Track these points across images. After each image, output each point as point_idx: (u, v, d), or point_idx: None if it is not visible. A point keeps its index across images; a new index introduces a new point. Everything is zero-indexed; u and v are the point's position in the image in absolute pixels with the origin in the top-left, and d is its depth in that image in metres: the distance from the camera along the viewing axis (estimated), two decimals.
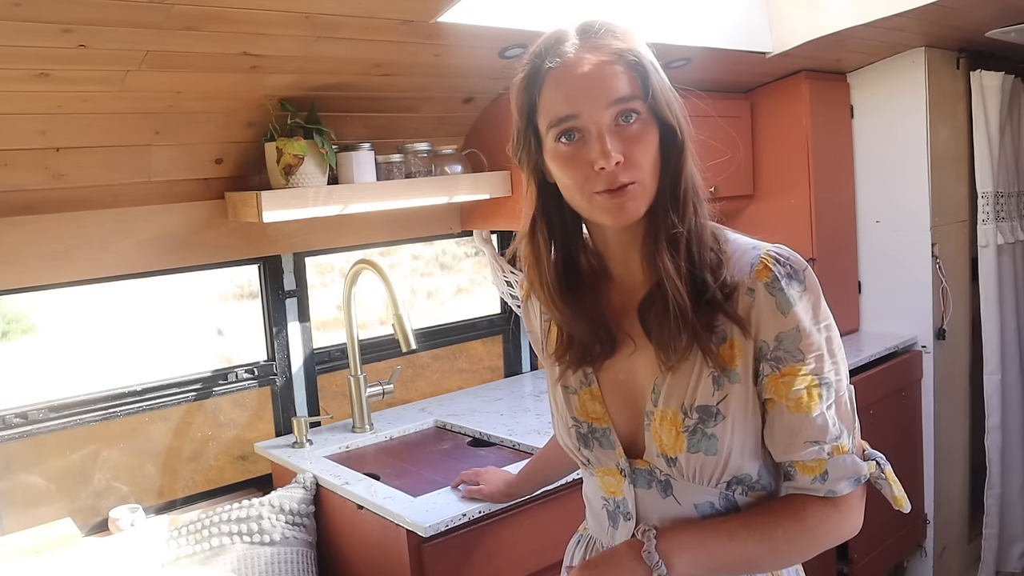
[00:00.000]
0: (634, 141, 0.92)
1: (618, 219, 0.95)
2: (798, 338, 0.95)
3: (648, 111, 0.93)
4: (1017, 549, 3.05)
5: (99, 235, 1.82)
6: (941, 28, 2.50)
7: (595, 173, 0.92)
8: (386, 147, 2.09)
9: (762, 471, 1.02)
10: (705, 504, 1.02)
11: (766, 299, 0.95)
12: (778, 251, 0.98)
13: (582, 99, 0.92)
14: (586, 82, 0.92)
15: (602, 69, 0.92)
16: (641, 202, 0.94)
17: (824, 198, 2.77)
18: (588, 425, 1.07)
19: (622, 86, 0.92)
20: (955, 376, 2.97)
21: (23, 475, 1.86)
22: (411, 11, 1.61)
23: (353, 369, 2.17)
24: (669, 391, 0.99)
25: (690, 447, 0.98)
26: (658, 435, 1.01)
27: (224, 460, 2.18)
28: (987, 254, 2.86)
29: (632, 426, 1.05)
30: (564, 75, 0.93)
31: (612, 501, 1.09)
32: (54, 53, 1.40)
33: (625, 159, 0.91)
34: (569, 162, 0.94)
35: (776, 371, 0.96)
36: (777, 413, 0.97)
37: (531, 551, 1.73)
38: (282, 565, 1.75)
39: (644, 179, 0.93)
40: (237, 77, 1.69)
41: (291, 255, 2.17)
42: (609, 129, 0.92)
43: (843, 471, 0.98)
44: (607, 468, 1.08)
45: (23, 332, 3.41)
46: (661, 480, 1.03)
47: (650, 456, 1.03)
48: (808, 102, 2.69)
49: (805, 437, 0.96)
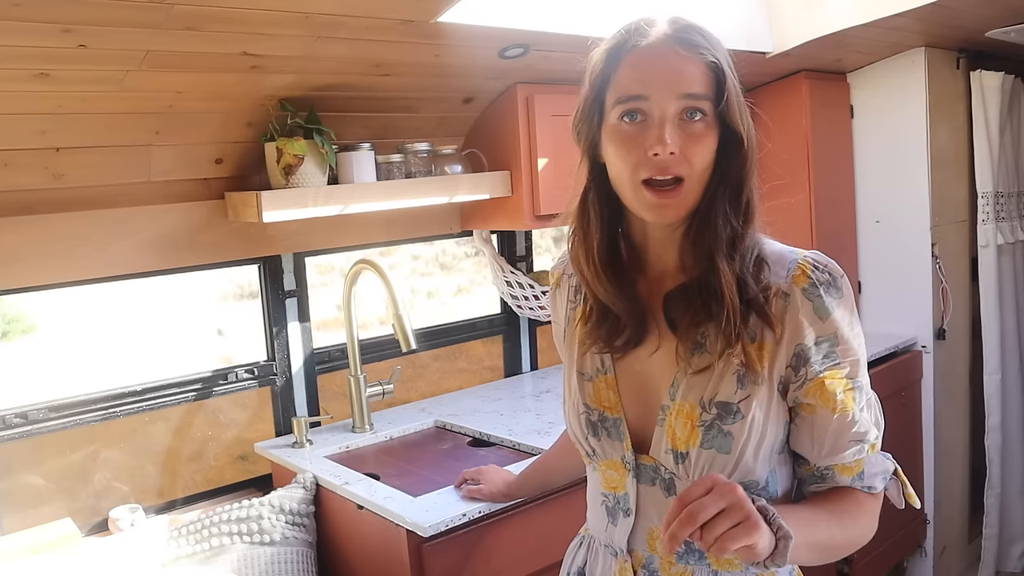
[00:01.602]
0: (694, 139, 0.93)
1: (658, 217, 0.96)
2: (837, 343, 0.96)
3: (714, 115, 0.94)
4: (1017, 549, 3.05)
5: (99, 235, 1.82)
6: (941, 28, 2.50)
7: (648, 158, 0.93)
8: (386, 147, 2.09)
9: (771, 478, 1.02)
10: None
11: (803, 304, 0.96)
12: (815, 257, 0.99)
13: (655, 83, 0.93)
14: (663, 68, 0.93)
15: (682, 61, 0.93)
16: (684, 206, 0.96)
17: (824, 198, 2.77)
18: (599, 413, 1.07)
19: (696, 82, 0.93)
20: (955, 376, 2.97)
21: (23, 475, 1.86)
22: (411, 11, 1.61)
23: (353, 369, 2.17)
24: (689, 385, 0.99)
25: (703, 442, 0.97)
26: (671, 429, 1.00)
27: (224, 460, 2.18)
28: (987, 254, 2.86)
29: (643, 420, 1.05)
30: (645, 56, 0.94)
31: (612, 497, 1.08)
32: (54, 53, 1.40)
33: (680, 153, 0.92)
34: (626, 143, 0.95)
35: (817, 376, 0.97)
36: (819, 417, 0.98)
37: (531, 551, 1.73)
38: (282, 565, 1.75)
39: (693, 179, 0.94)
40: (237, 77, 1.69)
41: (291, 255, 2.17)
42: (673, 120, 0.93)
43: (877, 468, 1.01)
44: (611, 461, 1.07)
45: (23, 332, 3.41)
46: (665, 478, 1.02)
47: (657, 452, 1.02)
48: (808, 102, 2.69)
49: (849, 437, 0.98)
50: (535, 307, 2.47)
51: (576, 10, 1.84)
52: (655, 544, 1.04)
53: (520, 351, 2.71)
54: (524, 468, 1.64)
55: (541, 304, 2.45)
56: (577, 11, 1.84)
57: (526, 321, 2.71)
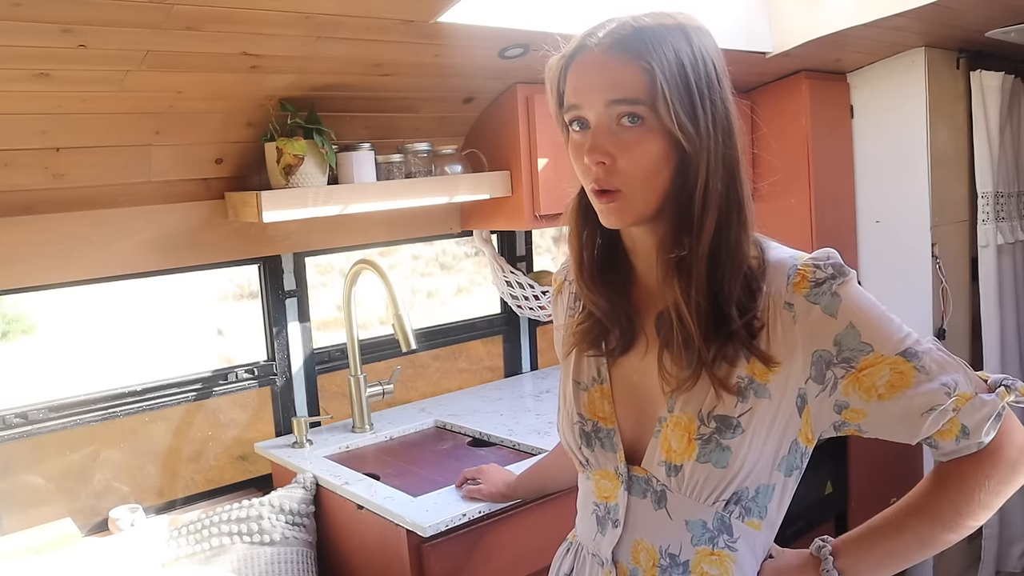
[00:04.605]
0: (627, 147, 0.90)
1: (605, 222, 0.95)
2: (857, 334, 0.92)
3: (654, 119, 0.90)
4: (1017, 549, 3.05)
5: (99, 235, 1.82)
6: (941, 28, 2.50)
7: (588, 167, 0.92)
8: (386, 147, 2.09)
9: (762, 491, 0.98)
10: (697, 522, 0.98)
11: (810, 309, 0.93)
12: (814, 260, 0.95)
13: (586, 91, 0.92)
14: (595, 75, 0.92)
15: (614, 68, 0.90)
16: (625, 210, 0.92)
17: (824, 198, 2.77)
18: (593, 424, 1.05)
19: (626, 87, 0.89)
20: None
21: (23, 475, 1.86)
22: (411, 11, 1.61)
23: (353, 369, 2.17)
24: (688, 397, 0.96)
25: (700, 456, 0.95)
26: (667, 441, 0.97)
27: (224, 460, 2.18)
28: (987, 254, 2.86)
29: (637, 431, 1.03)
30: (582, 65, 0.93)
31: (603, 506, 1.06)
32: (54, 53, 1.40)
33: (611, 162, 0.90)
34: (575, 151, 0.95)
35: (851, 371, 0.92)
36: (875, 409, 0.93)
37: (531, 551, 1.73)
38: (282, 565, 1.75)
39: (632, 188, 0.91)
40: (237, 77, 1.69)
41: (291, 255, 2.17)
42: (608, 128, 0.91)
43: (978, 416, 0.93)
44: (604, 471, 1.05)
45: (23, 332, 3.41)
46: (656, 491, 1.00)
47: (649, 464, 1.00)
48: (808, 102, 2.69)
49: (920, 411, 0.92)
50: (535, 307, 2.47)
51: (576, 10, 1.84)
52: (639, 556, 1.02)
53: (520, 351, 2.71)
54: (524, 469, 1.64)
55: (541, 304, 2.45)
56: (577, 11, 1.83)
57: (526, 321, 2.71)
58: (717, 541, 0.98)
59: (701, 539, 0.98)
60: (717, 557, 0.98)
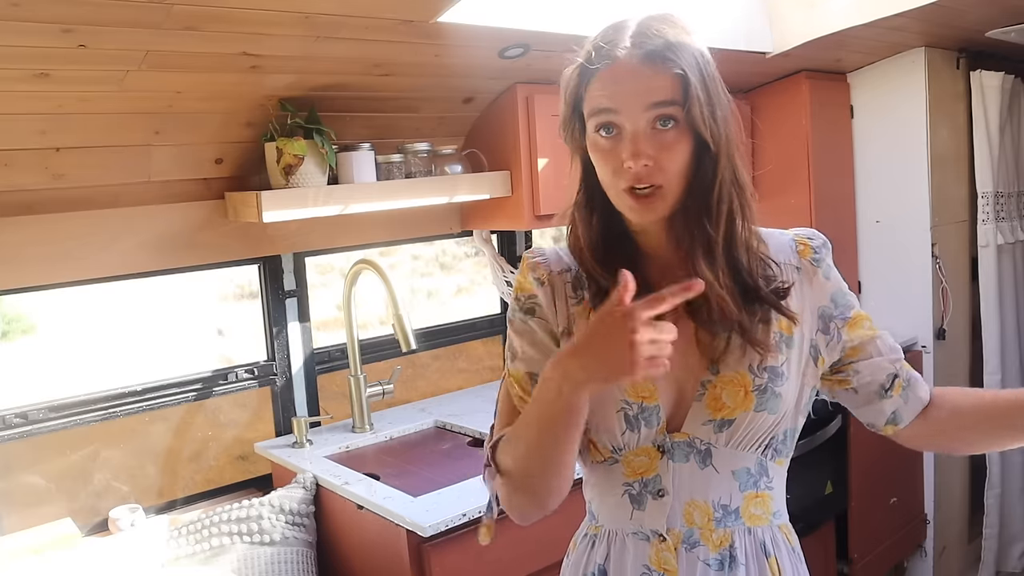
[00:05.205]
0: (666, 147, 0.97)
1: (640, 218, 1.01)
2: (845, 292, 1.11)
3: (686, 120, 0.96)
4: (1017, 549, 3.05)
5: (99, 235, 1.82)
6: (941, 28, 2.50)
7: (624, 170, 0.97)
8: (386, 147, 2.09)
9: (789, 434, 1.10)
10: (742, 470, 1.06)
11: (814, 271, 1.09)
12: (804, 231, 1.13)
13: (623, 97, 0.97)
14: (630, 83, 0.96)
15: (648, 75, 0.96)
16: (662, 205, 1.00)
17: (824, 198, 2.77)
18: (639, 406, 1.07)
19: (663, 91, 0.95)
20: (955, 376, 2.97)
21: (23, 475, 1.86)
22: (411, 11, 1.61)
23: (353, 369, 2.17)
24: (733, 355, 1.04)
25: (757, 406, 1.04)
26: (716, 401, 1.04)
27: (224, 460, 2.18)
28: (987, 254, 2.86)
29: (674, 399, 1.07)
30: (610, 75, 0.98)
31: (638, 484, 1.08)
32: (54, 53, 1.40)
33: (654, 163, 0.96)
34: (604, 155, 0.99)
35: (846, 320, 1.10)
36: (871, 345, 1.11)
37: (531, 551, 1.73)
38: (282, 565, 1.75)
39: (670, 184, 0.98)
40: (237, 77, 1.69)
41: (291, 255, 2.17)
42: (645, 131, 0.96)
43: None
44: (639, 449, 1.07)
45: (23, 332, 3.41)
46: (700, 450, 1.06)
47: (691, 427, 1.05)
48: (808, 102, 2.69)
49: (893, 351, 1.12)
50: None
51: (576, 10, 1.84)
52: (693, 516, 1.06)
53: None
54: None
55: None
56: (577, 11, 1.84)
57: None
58: (759, 484, 1.08)
59: (747, 484, 1.07)
60: (760, 498, 1.08)
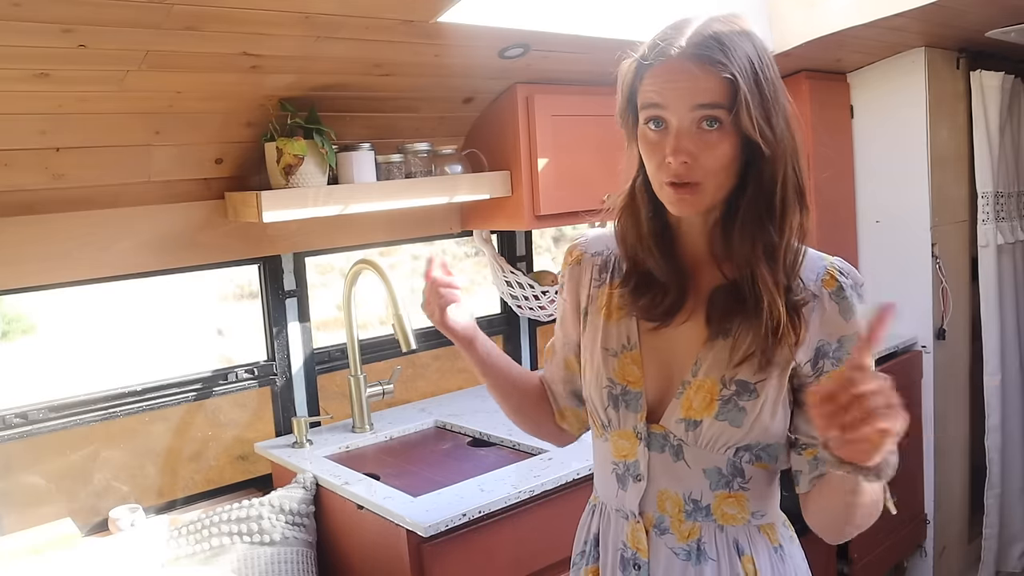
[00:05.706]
0: (708, 147, 0.99)
1: (677, 211, 1.04)
2: (854, 341, 1.05)
3: (731, 123, 0.98)
4: (1017, 549, 3.05)
5: (99, 235, 1.82)
6: (941, 28, 2.50)
7: (666, 164, 1.00)
8: (386, 147, 2.09)
9: (777, 448, 1.10)
10: (712, 470, 1.09)
11: (831, 305, 1.06)
12: (841, 264, 1.10)
13: (670, 95, 1.00)
14: (679, 82, 0.99)
15: (697, 75, 0.98)
16: (699, 201, 1.02)
17: (824, 198, 2.77)
18: (622, 388, 1.14)
19: (709, 94, 0.97)
20: (955, 376, 2.97)
21: (23, 475, 1.86)
22: (411, 11, 1.61)
23: (353, 369, 2.17)
24: (712, 363, 1.07)
25: (719, 414, 1.06)
26: (688, 402, 1.08)
27: (224, 460, 2.18)
28: (987, 254, 2.86)
29: (661, 393, 1.12)
30: (664, 71, 1.00)
31: (622, 464, 1.15)
32: (54, 53, 1.40)
33: (694, 160, 0.99)
34: (650, 148, 1.03)
35: (836, 367, 1.06)
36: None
37: (531, 551, 1.73)
38: (282, 565, 1.75)
39: (708, 182, 1.01)
40: (237, 77, 1.69)
41: (291, 255, 2.17)
42: (689, 130, 0.99)
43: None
44: (623, 431, 1.14)
45: (23, 332, 3.40)
46: (673, 445, 1.10)
47: (667, 422, 1.10)
48: (808, 102, 2.69)
49: None
50: (535, 307, 2.47)
51: (576, 10, 1.84)
52: (665, 505, 1.12)
53: (520, 351, 2.71)
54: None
55: (541, 304, 2.45)
56: (577, 11, 1.84)
57: (526, 321, 2.71)
58: (732, 484, 1.10)
59: (718, 484, 1.10)
60: (734, 498, 1.10)
